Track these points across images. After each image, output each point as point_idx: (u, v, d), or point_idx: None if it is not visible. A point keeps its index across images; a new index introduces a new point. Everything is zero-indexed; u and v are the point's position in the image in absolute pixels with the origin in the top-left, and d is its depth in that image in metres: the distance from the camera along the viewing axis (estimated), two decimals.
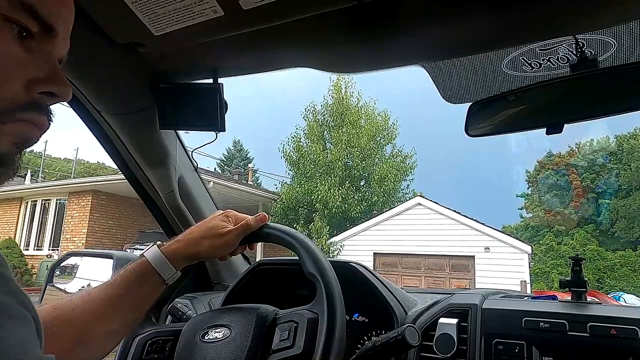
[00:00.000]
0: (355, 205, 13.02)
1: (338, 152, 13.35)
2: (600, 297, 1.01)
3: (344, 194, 12.78)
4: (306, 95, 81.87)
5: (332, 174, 13.12)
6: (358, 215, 12.89)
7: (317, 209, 12.59)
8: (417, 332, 0.69)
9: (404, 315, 0.93)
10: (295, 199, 13.02)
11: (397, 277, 10.78)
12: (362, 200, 13.30)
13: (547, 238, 18.56)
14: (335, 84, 14.60)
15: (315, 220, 11.98)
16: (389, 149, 15.25)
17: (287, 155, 14.63)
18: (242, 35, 0.74)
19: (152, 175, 1.08)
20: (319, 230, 11.65)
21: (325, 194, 12.61)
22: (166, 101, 0.92)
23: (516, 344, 0.79)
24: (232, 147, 32.83)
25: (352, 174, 13.58)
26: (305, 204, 12.99)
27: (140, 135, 1.00)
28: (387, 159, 14.71)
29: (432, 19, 0.69)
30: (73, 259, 1.34)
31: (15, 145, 0.38)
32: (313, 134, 14.22)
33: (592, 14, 0.67)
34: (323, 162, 13.41)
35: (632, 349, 0.72)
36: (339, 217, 12.78)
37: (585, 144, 23.85)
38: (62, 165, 42.42)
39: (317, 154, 13.47)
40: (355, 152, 13.54)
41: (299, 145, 14.42)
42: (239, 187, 12.12)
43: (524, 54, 0.86)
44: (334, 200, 12.56)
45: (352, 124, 14.07)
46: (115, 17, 0.71)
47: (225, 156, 32.39)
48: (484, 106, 0.88)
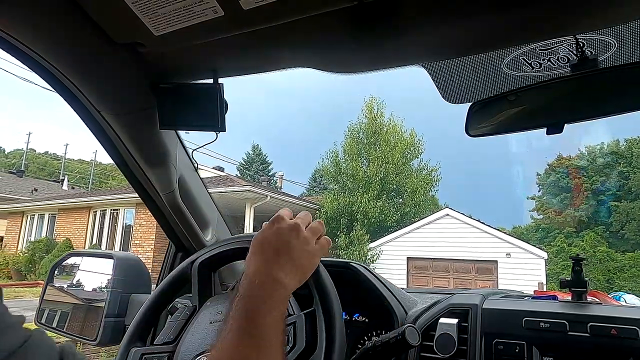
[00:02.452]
0: (391, 216, 14.74)
1: (375, 168, 15.02)
2: (600, 297, 1.00)
3: (381, 206, 14.48)
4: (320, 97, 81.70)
5: (370, 188, 14.74)
6: (393, 224, 14.56)
7: (357, 219, 14.14)
8: (418, 332, 0.69)
9: (404, 315, 0.93)
10: (336, 210, 14.52)
11: (428, 279, 12.39)
12: (396, 211, 14.99)
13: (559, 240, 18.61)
14: (368, 104, 16.55)
15: (356, 228, 13.57)
16: (415, 163, 17.11)
17: (325, 169, 16.80)
18: (242, 35, 0.74)
19: (152, 175, 1.08)
20: (360, 237, 13.23)
21: (365, 205, 14.22)
22: (166, 101, 0.91)
23: (516, 344, 0.79)
24: (252, 151, 34.55)
25: (387, 188, 15.24)
26: (346, 214, 14.44)
27: (140, 135, 1.00)
28: (414, 172, 16.46)
29: (432, 19, 0.69)
30: (73, 259, 1.34)
31: None
32: (352, 151, 15.91)
33: (593, 14, 0.67)
34: (362, 177, 15.05)
35: (632, 349, 0.72)
36: (377, 225, 14.35)
37: (595, 147, 23.88)
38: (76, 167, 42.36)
39: (356, 170, 15.18)
40: (390, 168, 15.21)
41: (337, 160, 16.30)
42: (289, 199, 13.90)
43: (524, 54, 0.86)
44: (373, 211, 14.20)
45: (385, 142, 15.78)
46: (115, 17, 0.71)
47: (245, 160, 33.96)
48: (484, 106, 0.88)
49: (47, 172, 39.68)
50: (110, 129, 0.98)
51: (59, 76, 0.85)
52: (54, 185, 25.05)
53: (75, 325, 1.23)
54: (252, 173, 32.41)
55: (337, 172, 16.13)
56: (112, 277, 1.15)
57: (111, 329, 1.12)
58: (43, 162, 43.69)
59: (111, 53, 0.80)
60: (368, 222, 14.15)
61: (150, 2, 0.66)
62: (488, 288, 6.97)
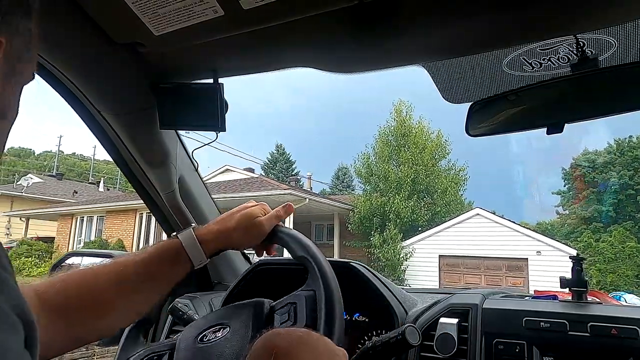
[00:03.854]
0: (422, 215, 15.20)
1: (405, 170, 15.59)
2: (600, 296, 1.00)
3: (413, 206, 14.94)
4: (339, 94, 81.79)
5: (401, 189, 15.30)
6: (424, 224, 14.99)
7: (390, 218, 14.58)
8: (418, 332, 0.69)
9: (405, 315, 0.93)
10: (369, 210, 15.00)
11: (460, 276, 12.80)
12: (427, 210, 15.44)
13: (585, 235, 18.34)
14: (397, 107, 17.10)
15: (390, 227, 14.09)
16: (443, 163, 17.53)
17: (357, 170, 17.37)
18: (242, 35, 0.74)
19: (153, 175, 1.08)
20: (394, 236, 13.73)
21: (398, 206, 14.73)
22: (166, 101, 0.91)
23: (517, 344, 0.79)
24: (275, 151, 35.34)
25: (418, 189, 15.76)
26: (379, 214, 14.94)
27: (140, 135, 1.00)
28: (443, 172, 16.91)
29: (432, 18, 0.69)
30: (73, 259, 1.34)
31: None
32: (383, 154, 16.51)
33: (593, 14, 0.67)
34: (393, 179, 15.63)
35: (632, 349, 0.72)
36: (409, 225, 14.85)
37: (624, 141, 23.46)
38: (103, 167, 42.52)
39: (387, 172, 15.79)
40: (420, 170, 15.76)
41: (368, 162, 16.86)
42: (326, 201, 14.88)
43: (524, 53, 0.86)
44: (406, 211, 14.72)
45: (414, 144, 16.26)
46: (116, 17, 0.71)
47: (269, 159, 34.69)
48: (484, 106, 0.88)
49: (76, 173, 40.27)
50: (110, 129, 0.98)
51: (59, 76, 0.85)
52: (91, 187, 25.83)
53: None
54: (277, 172, 32.98)
55: (368, 173, 16.69)
56: None
57: None
58: (71, 163, 44.24)
59: (111, 53, 0.80)
60: (400, 221, 14.61)
61: (150, 2, 0.66)
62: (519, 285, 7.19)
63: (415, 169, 15.68)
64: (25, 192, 20.61)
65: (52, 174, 28.01)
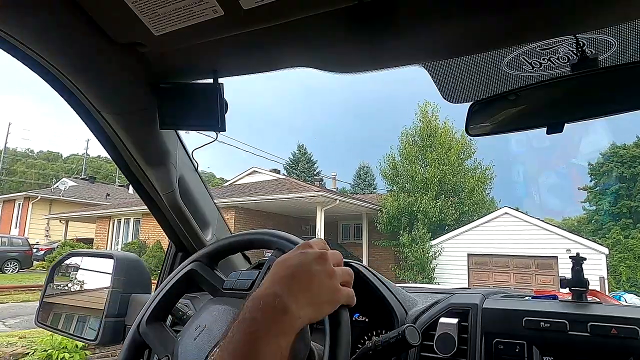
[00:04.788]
0: (450, 215, 15.25)
1: (432, 170, 15.74)
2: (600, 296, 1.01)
3: (440, 206, 15.09)
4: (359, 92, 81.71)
5: (428, 189, 15.49)
6: (452, 223, 15.10)
7: (418, 218, 14.86)
8: (418, 332, 0.69)
9: (405, 314, 0.93)
10: (397, 210, 15.32)
11: (489, 274, 13.12)
12: (455, 210, 15.57)
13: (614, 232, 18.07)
14: (422, 108, 17.29)
15: (419, 227, 14.44)
16: (469, 162, 17.69)
17: (383, 171, 17.54)
18: (242, 35, 0.74)
19: (153, 175, 1.08)
20: (422, 236, 14.09)
21: (425, 206, 14.94)
22: (166, 101, 0.91)
23: (517, 344, 0.79)
24: (297, 151, 36.51)
25: (445, 188, 15.88)
26: (407, 214, 15.19)
27: (140, 135, 1.00)
28: (469, 172, 17.08)
29: (432, 19, 0.69)
30: (74, 259, 1.34)
31: None
32: (409, 155, 16.65)
33: (593, 14, 0.67)
34: (420, 179, 15.82)
35: (632, 349, 0.72)
36: (436, 224, 14.99)
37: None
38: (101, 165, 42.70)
39: (414, 172, 15.99)
40: (446, 170, 15.89)
41: (394, 163, 17.02)
42: (355, 201, 15.29)
43: (524, 53, 0.86)
44: (433, 211, 14.90)
45: (440, 144, 16.40)
46: (115, 17, 0.71)
47: (291, 159, 35.72)
48: (484, 106, 0.88)
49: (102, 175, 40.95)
50: (110, 129, 0.98)
51: (59, 76, 0.85)
52: (121, 190, 26.66)
53: (76, 325, 1.23)
54: (299, 172, 33.72)
55: (394, 174, 16.91)
56: (112, 277, 1.15)
57: (111, 329, 1.12)
58: (97, 166, 44.87)
59: (111, 53, 0.80)
60: (428, 221, 14.87)
61: (150, 2, 0.66)
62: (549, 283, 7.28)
63: (442, 169, 15.82)
64: (62, 196, 21.66)
65: (85, 177, 29.33)
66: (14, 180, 39.65)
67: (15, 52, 0.78)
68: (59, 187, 23.98)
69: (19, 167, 41.26)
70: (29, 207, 20.39)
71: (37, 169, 42.61)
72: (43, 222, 20.29)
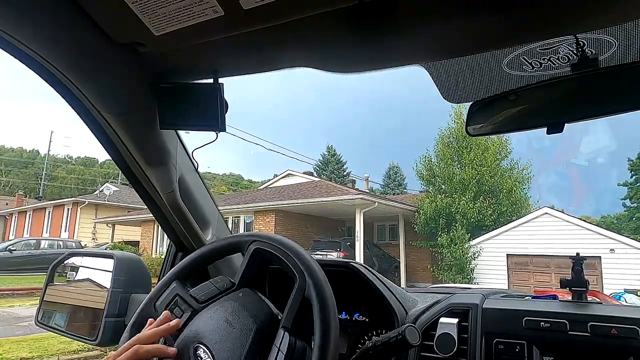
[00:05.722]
0: (489, 216, 15.30)
1: (469, 171, 15.80)
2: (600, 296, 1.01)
3: (479, 207, 15.17)
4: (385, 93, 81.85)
5: (466, 190, 15.52)
6: (491, 223, 15.11)
7: (456, 219, 14.85)
8: (418, 332, 0.69)
9: (405, 314, 0.93)
10: (434, 211, 15.37)
11: (529, 274, 13.07)
12: (494, 211, 15.65)
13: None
14: (456, 110, 17.20)
15: (457, 228, 14.48)
16: (506, 162, 17.62)
17: (419, 173, 17.58)
18: (243, 35, 0.74)
19: (153, 175, 1.08)
20: (461, 236, 14.17)
21: (464, 207, 14.99)
22: (167, 101, 0.91)
23: (517, 344, 0.80)
24: (326, 152, 37.22)
25: (483, 189, 15.93)
26: (444, 215, 15.20)
27: (140, 135, 1.00)
28: (506, 172, 17.03)
29: (432, 19, 0.69)
30: (74, 259, 1.34)
31: None
32: (445, 156, 16.65)
33: (593, 14, 0.67)
34: (458, 181, 15.78)
35: (632, 349, 0.72)
36: (475, 225, 15.06)
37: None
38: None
39: (451, 174, 16.03)
40: (484, 171, 15.96)
41: (431, 165, 17.00)
42: (393, 203, 15.68)
43: (524, 53, 0.86)
44: (472, 212, 14.98)
45: (477, 145, 16.37)
46: (116, 17, 0.71)
47: (321, 161, 36.41)
48: (484, 106, 0.88)
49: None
50: (110, 129, 0.98)
51: (59, 76, 0.85)
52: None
53: (76, 325, 1.23)
54: (328, 173, 34.23)
55: (430, 175, 16.98)
56: (112, 277, 1.15)
57: (111, 328, 1.12)
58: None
59: (111, 53, 0.80)
60: (467, 221, 14.91)
61: (150, 2, 0.66)
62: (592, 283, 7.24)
63: (479, 169, 15.88)
64: (107, 200, 22.76)
65: (125, 182, 29.73)
66: (55, 185, 41.25)
67: (15, 52, 0.78)
68: (103, 192, 25.16)
69: (59, 172, 42.99)
70: (77, 211, 21.39)
71: (76, 174, 44.15)
72: (90, 225, 21.29)
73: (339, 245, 14.29)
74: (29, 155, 51.33)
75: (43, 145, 49.11)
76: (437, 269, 14.40)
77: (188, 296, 0.76)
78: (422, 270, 15.99)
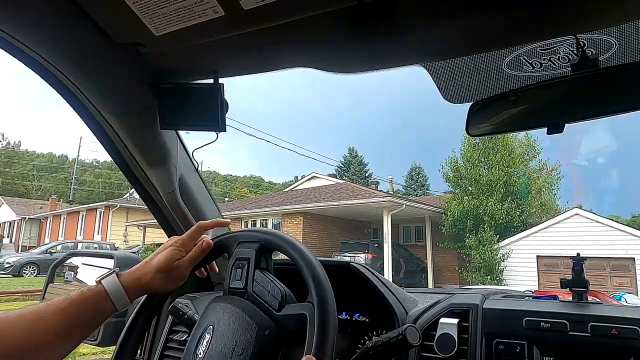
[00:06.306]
0: (517, 217, 15.15)
1: (496, 173, 15.65)
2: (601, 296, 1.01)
3: (507, 208, 14.97)
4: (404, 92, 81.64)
5: (494, 191, 15.36)
6: (519, 225, 14.98)
7: (484, 220, 14.66)
8: (418, 332, 0.69)
9: (405, 315, 0.93)
10: (462, 213, 15.23)
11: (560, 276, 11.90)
12: (522, 212, 15.50)
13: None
14: None
15: (485, 229, 14.25)
16: (534, 163, 17.50)
17: (445, 174, 17.36)
18: (243, 35, 0.74)
19: (153, 175, 1.08)
20: (490, 238, 13.91)
21: (492, 208, 14.84)
22: (167, 101, 0.92)
23: (517, 344, 0.79)
24: (348, 154, 37.55)
25: (511, 190, 15.76)
26: (472, 216, 15.06)
27: (140, 135, 1.00)
28: (534, 173, 16.96)
29: (432, 18, 0.69)
30: (74, 259, 1.34)
31: None
32: (472, 158, 16.51)
33: (593, 14, 0.67)
34: (485, 182, 15.61)
35: (633, 349, 0.72)
36: (503, 226, 14.86)
37: None
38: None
39: (478, 175, 15.80)
40: (511, 172, 15.81)
41: (457, 167, 16.81)
42: (420, 205, 15.62)
43: (524, 53, 0.86)
44: (500, 213, 14.79)
45: (503, 146, 16.24)
46: (116, 17, 0.71)
47: (342, 162, 36.69)
48: (484, 106, 0.88)
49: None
50: (111, 128, 0.98)
51: (60, 76, 0.85)
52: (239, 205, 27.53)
53: None
54: (350, 175, 34.36)
55: (457, 177, 16.75)
56: None
57: (111, 329, 1.11)
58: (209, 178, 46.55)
59: (111, 53, 0.80)
60: (495, 223, 14.67)
61: (151, 2, 0.66)
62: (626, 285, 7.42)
63: (507, 170, 15.72)
64: (137, 204, 22.94)
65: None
66: (83, 189, 42.55)
67: (16, 52, 0.78)
68: (133, 195, 25.63)
69: (87, 177, 44.37)
70: (109, 214, 21.94)
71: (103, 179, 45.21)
72: (121, 228, 21.85)
73: (367, 247, 14.19)
74: (58, 160, 52.60)
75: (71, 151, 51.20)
76: (465, 271, 14.16)
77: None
78: (449, 271, 15.87)
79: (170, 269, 0.70)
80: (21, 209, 28.02)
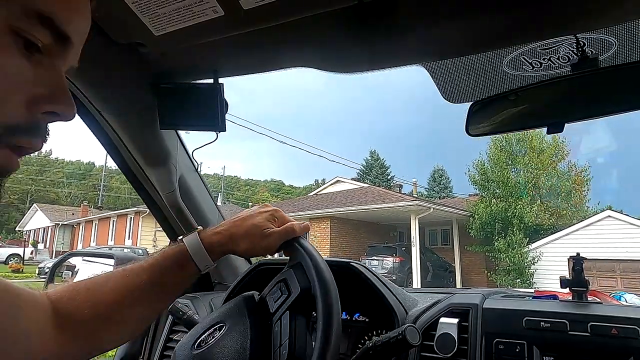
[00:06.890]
0: (547, 219, 15.11)
1: (525, 175, 15.65)
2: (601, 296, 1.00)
3: (537, 210, 14.84)
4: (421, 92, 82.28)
5: (523, 194, 15.20)
6: (550, 227, 14.83)
7: (513, 223, 14.46)
8: (418, 332, 0.68)
9: (405, 314, 0.92)
10: (490, 215, 15.05)
11: (592, 279, 12.41)
12: (552, 214, 15.51)
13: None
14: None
15: (514, 232, 14.05)
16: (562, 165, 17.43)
17: (472, 177, 17.40)
18: (243, 35, 0.74)
19: (153, 175, 1.08)
20: (519, 241, 13.74)
21: (521, 211, 14.64)
22: (167, 101, 0.92)
23: (517, 344, 0.79)
24: (370, 157, 37.87)
25: (541, 193, 15.81)
26: (500, 219, 14.86)
27: (140, 135, 1.00)
28: (563, 174, 16.85)
29: (432, 18, 0.69)
30: (74, 259, 1.34)
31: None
32: (499, 160, 16.35)
33: (593, 14, 0.67)
34: (513, 184, 15.44)
35: (633, 349, 0.72)
36: (532, 229, 14.70)
37: None
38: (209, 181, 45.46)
39: (506, 178, 15.64)
40: (540, 174, 15.77)
41: (484, 169, 16.73)
42: (447, 209, 15.59)
43: (524, 53, 0.86)
44: (529, 216, 14.60)
45: (531, 148, 16.20)
46: (116, 17, 0.71)
47: (364, 166, 36.86)
48: (484, 106, 0.88)
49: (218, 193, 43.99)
50: (111, 129, 0.98)
51: None
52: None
53: None
54: (372, 178, 34.43)
55: (484, 180, 16.63)
56: None
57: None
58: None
59: (111, 53, 0.80)
60: (524, 226, 14.47)
61: (151, 2, 0.66)
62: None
63: (536, 173, 15.59)
64: None
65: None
66: (110, 195, 43.24)
67: None
68: None
69: (114, 183, 44.84)
70: (139, 220, 22.10)
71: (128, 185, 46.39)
72: (151, 234, 21.98)
73: (395, 251, 14.15)
74: (86, 167, 53.49)
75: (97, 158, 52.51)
76: (494, 274, 14.03)
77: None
78: (477, 274, 15.74)
79: (260, 236, 0.65)
80: (54, 215, 28.34)
